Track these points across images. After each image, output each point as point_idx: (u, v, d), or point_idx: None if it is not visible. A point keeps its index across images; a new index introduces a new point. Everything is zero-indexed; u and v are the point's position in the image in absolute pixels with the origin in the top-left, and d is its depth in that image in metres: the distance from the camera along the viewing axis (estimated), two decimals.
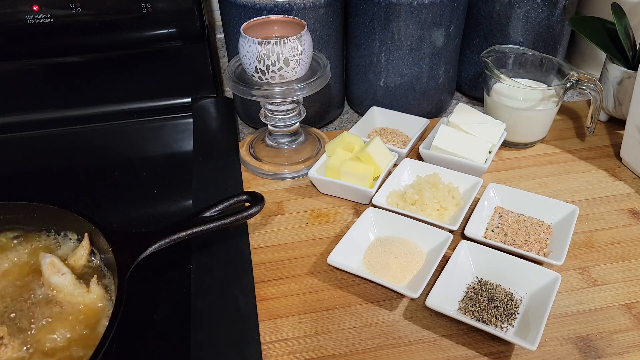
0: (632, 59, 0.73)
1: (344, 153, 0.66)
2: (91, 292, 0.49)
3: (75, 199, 0.67)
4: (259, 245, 0.60)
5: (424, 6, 0.69)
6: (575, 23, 0.77)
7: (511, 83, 0.70)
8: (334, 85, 0.79)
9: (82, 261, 0.52)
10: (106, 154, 0.77)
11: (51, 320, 0.47)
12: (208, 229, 0.53)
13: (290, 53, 0.61)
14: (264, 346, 0.49)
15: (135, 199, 0.68)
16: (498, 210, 0.63)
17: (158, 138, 0.81)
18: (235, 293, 0.53)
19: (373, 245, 0.58)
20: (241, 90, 0.64)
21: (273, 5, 0.67)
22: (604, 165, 0.71)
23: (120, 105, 0.83)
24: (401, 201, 0.63)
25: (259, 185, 0.69)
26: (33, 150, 0.79)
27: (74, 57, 0.80)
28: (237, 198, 0.57)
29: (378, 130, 0.77)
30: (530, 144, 0.75)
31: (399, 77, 0.76)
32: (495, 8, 0.77)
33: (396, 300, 0.53)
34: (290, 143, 0.73)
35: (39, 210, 0.55)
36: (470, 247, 0.56)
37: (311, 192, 0.68)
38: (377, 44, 0.74)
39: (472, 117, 0.71)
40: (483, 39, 0.81)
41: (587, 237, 0.60)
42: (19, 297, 0.49)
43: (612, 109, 0.76)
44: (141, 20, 0.77)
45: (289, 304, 0.53)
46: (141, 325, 0.51)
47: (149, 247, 0.50)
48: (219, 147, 0.75)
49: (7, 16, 0.73)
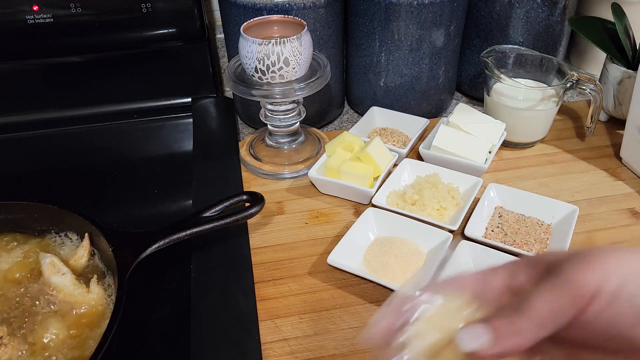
0: (632, 59, 0.73)
1: (344, 153, 0.66)
2: (91, 292, 0.49)
3: (75, 199, 0.67)
4: (259, 245, 0.60)
5: (424, 6, 0.69)
6: (575, 23, 0.77)
7: (511, 83, 0.70)
8: (334, 85, 0.79)
9: (82, 261, 0.52)
10: (106, 154, 0.77)
11: (51, 320, 0.47)
12: (208, 229, 0.53)
13: (290, 53, 0.61)
14: (264, 346, 0.49)
15: (135, 199, 0.68)
16: (498, 210, 0.63)
17: (158, 138, 0.81)
18: (235, 293, 0.53)
19: (373, 245, 0.58)
20: (241, 90, 0.64)
21: (273, 5, 0.67)
22: (604, 165, 0.71)
23: (120, 105, 0.83)
24: (401, 201, 0.63)
25: (259, 185, 0.69)
26: (33, 150, 0.79)
27: (74, 57, 0.80)
28: (237, 198, 0.57)
29: (378, 130, 0.77)
30: (530, 144, 0.75)
31: (399, 77, 0.76)
32: (495, 8, 0.77)
33: None
34: (290, 143, 0.73)
35: (39, 210, 0.55)
36: (470, 247, 0.56)
37: (311, 192, 0.68)
38: (377, 44, 0.74)
39: (472, 117, 0.71)
40: (483, 39, 0.81)
41: (587, 237, 0.60)
42: (19, 297, 0.49)
43: (612, 109, 0.76)
44: (141, 20, 0.77)
45: (289, 304, 0.53)
46: (141, 325, 0.51)
47: (149, 247, 0.50)
48: (219, 147, 0.75)
49: (7, 16, 0.73)
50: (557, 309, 0.27)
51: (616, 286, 0.26)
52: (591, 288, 0.26)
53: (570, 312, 0.27)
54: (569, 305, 0.27)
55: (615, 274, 0.26)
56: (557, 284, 0.27)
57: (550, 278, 0.28)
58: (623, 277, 0.26)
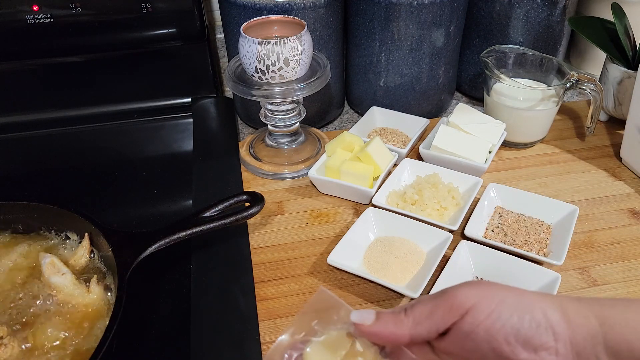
0: (632, 59, 0.73)
1: (344, 153, 0.66)
2: (91, 292, 0.49)
3: (75, 199, 0.67)
4: (259, 245, 0.60)
5: (424, 6, 0.69)
6: (575, 23, 0.77)
7: (511, 83, 0.70)
8: (334, 85, 0.79)
9: (82, 261, 0.52)
10: (106, 154, 0.77)
11: (51, 320, 0.47)
12: (208, 229, 0.53)
13: (290, 53, 0.61)
14: (264, 346, 0.49)
15: (135, 199, 0.68)
16: (498, 210, 0.63)
17: (158, 138, 0.81)
18: (235, 293, 0.53)
19: (373, 245, 0.58)
20: (241, 90, 0.64)
21: (273, 5, 0.67)
22: (604, 165, 0.71)
23: (120, 105, 0.83)
24: (401, 201, 0.63)
25: (259, 185, 0.69)
26: (33, 150, 0.79)
27: (74, 57, 0.80)
28: (237, 198, 0.57)
29: (378, 130, 0.77)
30: (530, 144, 0.75)
31: (399, 77, 0.76)
32: (495, 8, 0.77)
33: (396, 300, 0.53)
34: (290, 143, 0.73)
35: (39, 210, 0.55)
36: (470, 247, 0.56)
37: (311, 192, 0.68)
38: (377, 44, 0.74)
39: (472, 117, 0.71)
40: (483, 39, 0.81)
41: (587, 237, 0.60)
42: (19, 297, 0.49)
43: (612, 109, 0.76)
44: (141, 20, 0.77)
45: (289, 304, 0.53)
46: (141, 325, 0.51)
47: (149, 247, 0.50)
48: (219, 147, 0.75)
49: (7, 16, 0.73)
50: (433, 313, 0.33)
51: (492, 305, 0.32)
52: (468, 302, 0.32)
53: (447, 318, 0.33)
54: (445, 313, 0.33)
55: (491, 296, 0.32)
56: (439, 296, 0.34)
57: (435, 294, 0.34)
58: (498, 299, 0.32)
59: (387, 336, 0.34)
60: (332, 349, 0.36)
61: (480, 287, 0.33)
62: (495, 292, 0.32)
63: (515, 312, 0.32)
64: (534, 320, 0.31)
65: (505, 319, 0.31)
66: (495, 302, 0.32)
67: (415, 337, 0.33)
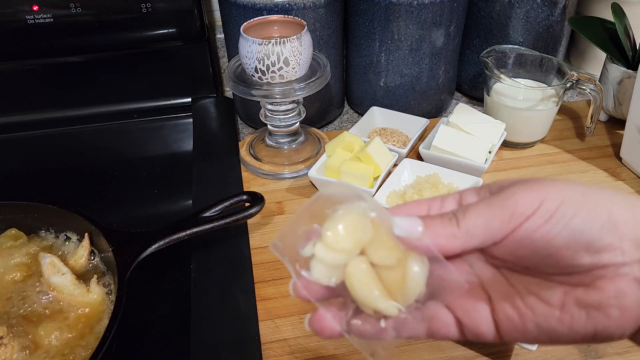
0: (632, 59, 0.73)
1: (344, 153, 0.66)
2: (91, 292, 0.49)
3: (75, 199, 0.67)
4: (259, 245, 0.60)
5: (424, 6, 0.69)
6: (575, 23, 0.77)
7: (511, 83, 0.70)
8: (334, 85, 0.79)
9: (82, 261, 0.52)
10: (106, 154, 0.77)
11: (51, 320, 0.47)
12: (208, 229, 0.53)
13: (290, 53, 0.61)
14: (264, 346, 0.49)
15: (135, 199, 0.68)
16: None
17: (158, 138, 0.81)
18: (235, 293, 0.53)
19: None
20: (241, 90, 0.64)
21: (273, 5, 0.67)
22: (604, 165, 0.71)
23: (120, 105, 0.83)
24: (401, 201, 0.63)
25: (259, 185, 0.69)
26: (33, 150, 0.79)
27: (74, 57, 0.80)
28: (237, 198, 0.57)
29: (378, 130, 0.77)
30: (530, 144, 0.75)
31: (399, 77, 0.76)
32: (495, 8, 0.77)
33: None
34: (290, 143, 0.73)
35: (39, 210, 0.55)
36: None
37: (311, 192, 0.68)
38: (377, 44, 0.74)
39: (472, 117, 0.71)
40: (483, 39, 0.81)
41: None
42: (19, 297, 0.49)
43: (612, 109, 0.76)
44: (141, 20, 0.77)
45: (289, 304, 0.53)
46: (141, 325, 0.51)
47: (149, 247, 0.50)
48: (219, 147, 0.75)
49: (7, 16, 0.73)
50: (490, 224, 0.28)
51: (554, 207, 0.28)
52: (528, 207, 0.28)
53: (504, 228, 0.28)
54: (503, 223, 0.28)
55: (553, 197, 0.28)
56: (495, 202, 0.29)
57: (491, 197, 0.30)
58: (561, 199, 0.28)
59: (434, 251, 0.29)
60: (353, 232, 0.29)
61: (544, 188, 0.29)
62: (558, 192, 0.28)
63: (577, 213, 0.28)
64: (597, 220, 0.28)
65: (566, 222, 0.28)
66: (557, 203, 0.28)
67: (466, 250, 0.29)
